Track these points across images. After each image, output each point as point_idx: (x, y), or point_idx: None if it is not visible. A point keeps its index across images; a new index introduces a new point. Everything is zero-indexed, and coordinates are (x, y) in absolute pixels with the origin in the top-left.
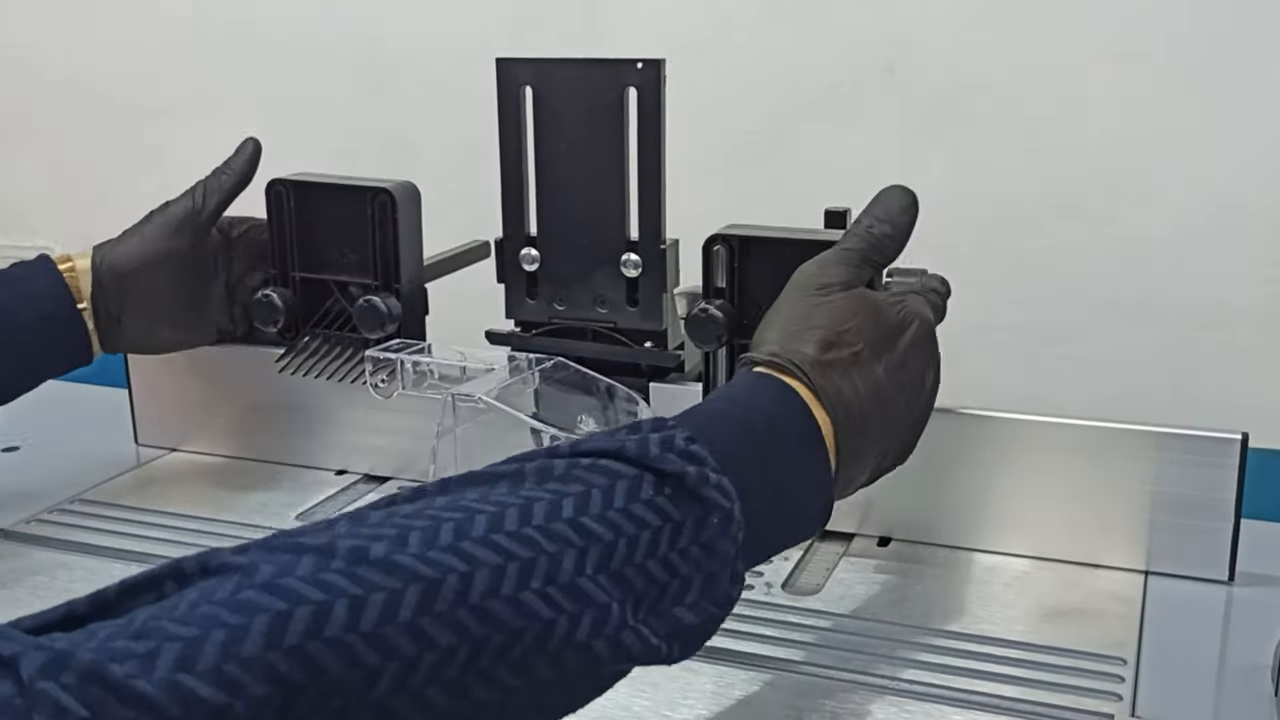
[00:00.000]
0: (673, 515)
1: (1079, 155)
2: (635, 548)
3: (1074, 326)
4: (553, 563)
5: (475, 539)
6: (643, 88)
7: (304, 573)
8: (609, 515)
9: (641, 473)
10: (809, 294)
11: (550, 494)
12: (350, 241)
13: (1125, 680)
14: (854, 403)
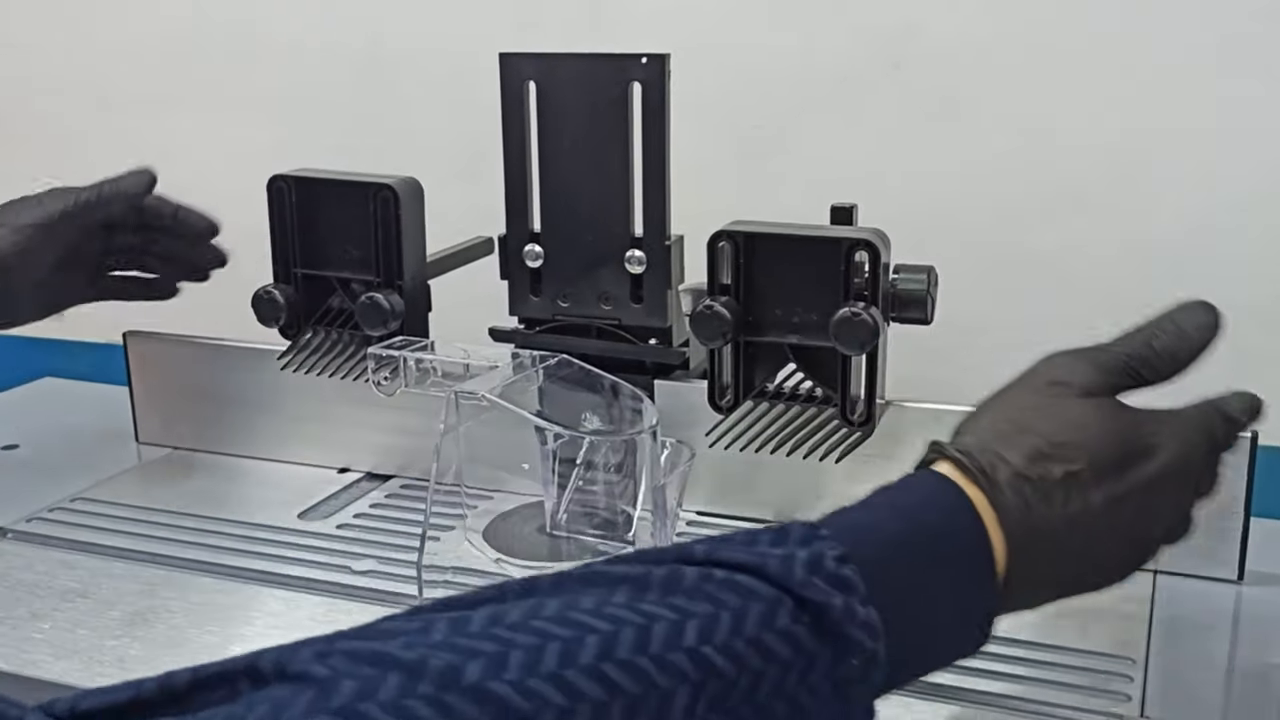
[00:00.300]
0: (808, 646)
1: (1084, 153)
2: (760, 683)
3: (1078, 324)
4: (664, 701)
5: (581, 667)
6: (647, 83)
7: (386, 697)
8: (735, 645)
9: (780, 595)
10: (1038, 390)
11: (674, 613)
12: (353, 238)
13: (1134, 680)
14: (1044, 531)
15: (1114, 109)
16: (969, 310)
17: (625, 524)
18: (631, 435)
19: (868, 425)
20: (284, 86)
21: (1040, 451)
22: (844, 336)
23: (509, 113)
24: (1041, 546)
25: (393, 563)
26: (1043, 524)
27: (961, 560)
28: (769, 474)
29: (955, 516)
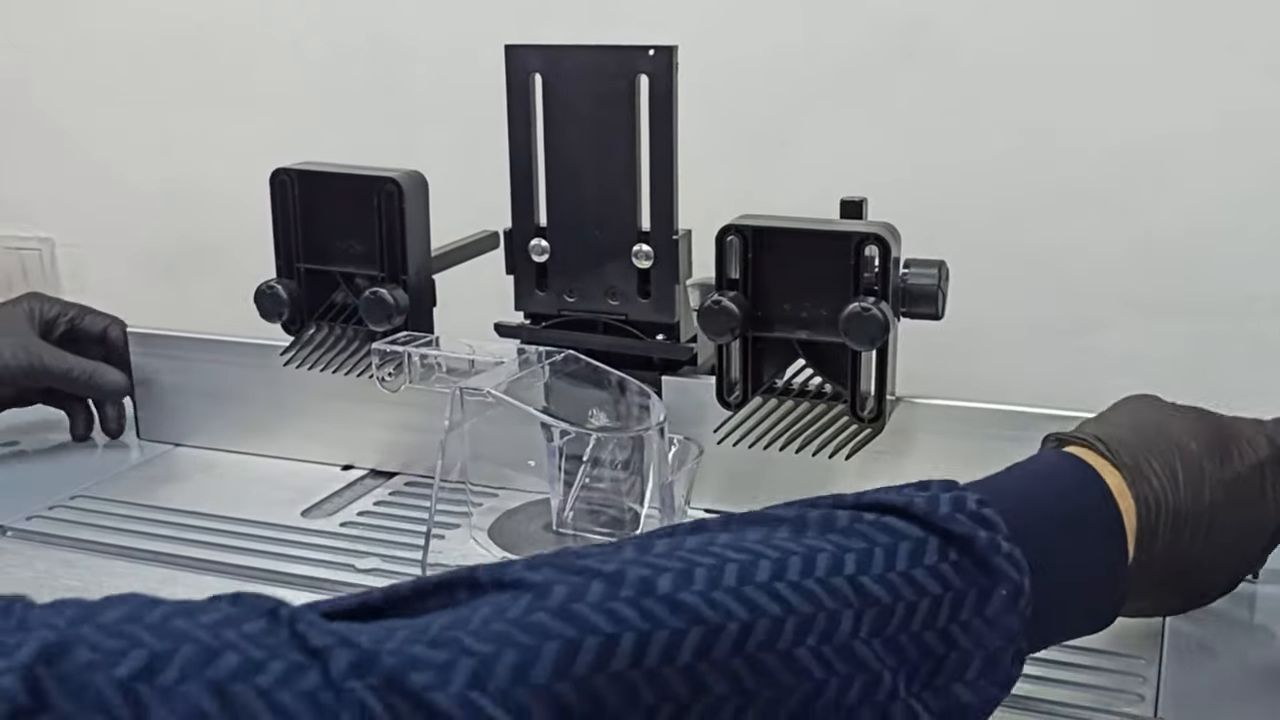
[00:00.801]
0: (955, 583)
1: (1102, 144)
2: (913, 615)
3: (1097, 319)
4: (830, 621)
5: (758, 584)
6: (654, 75)
7: (594, 599)
8: (889, 577)
9: (927, 534)
10: (1153, 400)
11: (833, 546)
12: (356, 232)
13: (1147, 680)
14: (1164, 491)
15: (1123, 105)
16: (981, 305)
17: (632, 522)
18: (639, 432)
19: (878, 422)
20: (287, 80)
21: (1159, 439)
22: (854, 332)
23: (514, 105)
24: (1166, 512)
25: (397, 561)
26: (1164, 489)
27: (1095, 519)
28: (778, 471)
29: (1086, 481)
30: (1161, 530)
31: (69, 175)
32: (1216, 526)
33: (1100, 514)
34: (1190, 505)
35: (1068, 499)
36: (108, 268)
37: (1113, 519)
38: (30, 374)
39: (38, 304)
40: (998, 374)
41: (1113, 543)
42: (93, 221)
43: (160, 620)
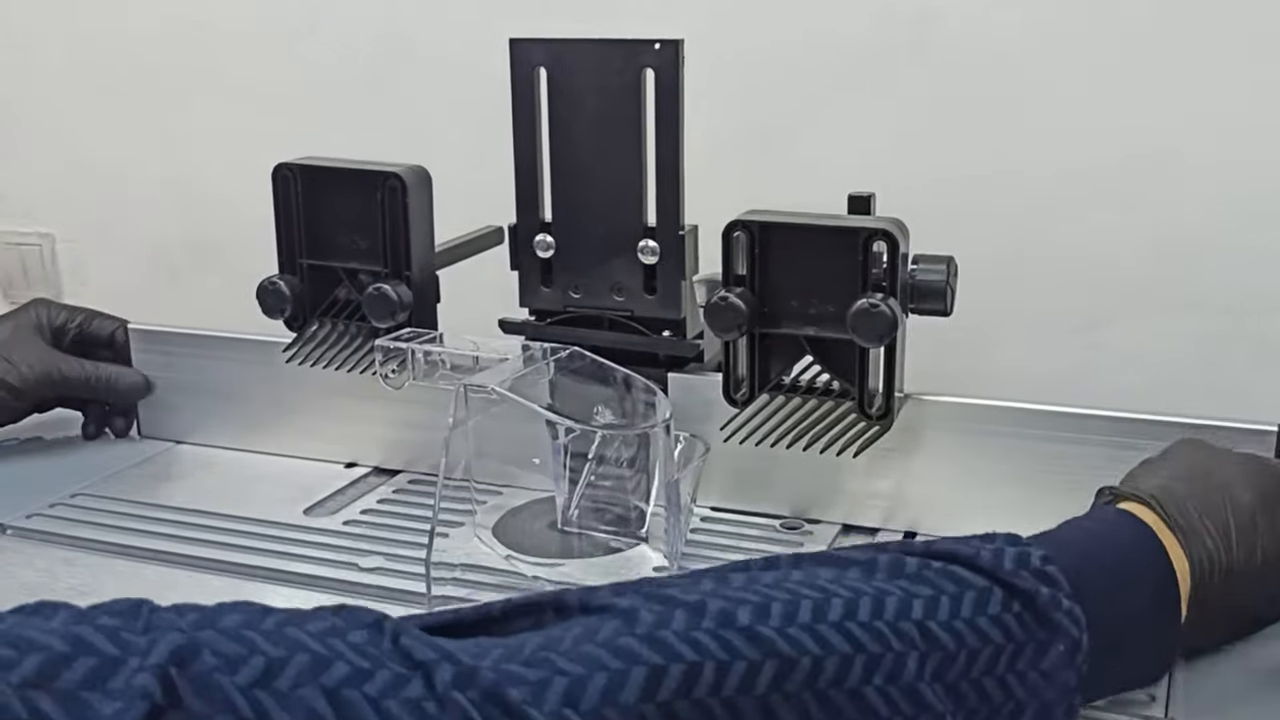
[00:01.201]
0: (1016, 635)
1: (1111, 138)
2: (974, 662)
3: (1105, 315)
4: (897, 662)
5: (830, 622)
6: (660, 68)
7: (679, 627)
8: (955, 624)
9: (991, 585)
10: (1206, 448)
11: (901, 591)
12: (359, 227)
13: (1159, 681)
14: (1218, 551)
15: (1130, 101)
16: (990, 302)
17: (638, 520)
18: (645, 429)
19: (886, 419)
20: (289, 74)
21: (1212, 493)
22: (862, 328)
23: (519, 100)
24: (1219, 568)
25: (400, 559)
26: (1217, 544)
27: (1150, 577)
28: (785, 469)
29: (1141, 538)
30: (1215, 587)
31: (69, 171)
32: (1270, 579)
33: (1156, 574)
34: (1244, 564)
35: (1126, 559)
36: (108, 264)
37: (1168, 580)
38: (50, 385)
39: (45, 311)
40: (1006, 371)
41: (1167, 603)
42: (93, 217)
43: (274, 628)
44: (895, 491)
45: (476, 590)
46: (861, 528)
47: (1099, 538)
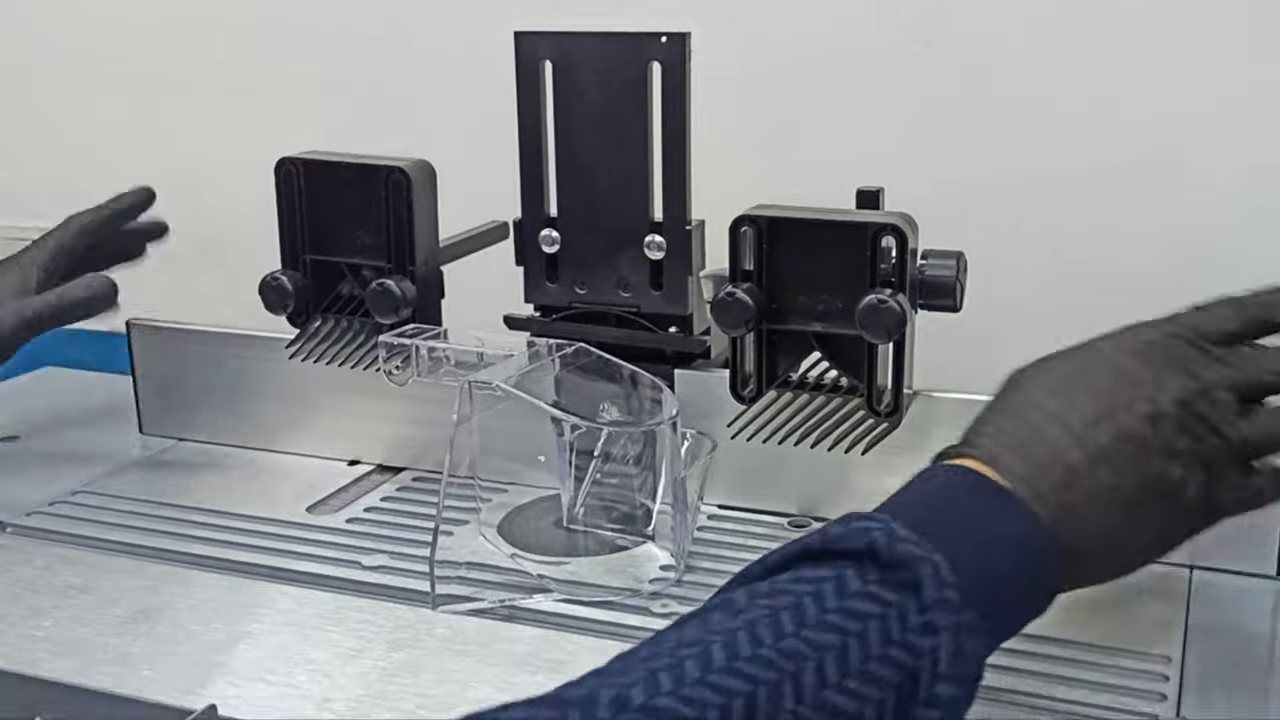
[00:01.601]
0: (888, 596)
1: (1120, 134)
2: (867, 642)
3: (1116, 311)
4: (796, 681)
5: (719, 669)
6: (667, 62)
7: None
8: (828, 619)
9: (839, 568)
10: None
11: (766, 612)
12: (363, 222)
13: (1170, 679)
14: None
15: (1144, 93)
16: (1000, 297)
17: (645, 518)
18: (651, 426)
19: (895, 415)
20: (292, 67)
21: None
22: (870, 324)
23: (524, 93)
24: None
25: (404, 558)
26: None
27: (965, 488)
28: (793, 466)
29: (958, 472)
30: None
31: (69, 163)
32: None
33: (969, 482)
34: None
35: (935, 484)
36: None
37: (983, 481)
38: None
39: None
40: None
41: (998, 501)
42: None
43: None
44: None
45: (481, 589)
46: None
47: (920, 482)
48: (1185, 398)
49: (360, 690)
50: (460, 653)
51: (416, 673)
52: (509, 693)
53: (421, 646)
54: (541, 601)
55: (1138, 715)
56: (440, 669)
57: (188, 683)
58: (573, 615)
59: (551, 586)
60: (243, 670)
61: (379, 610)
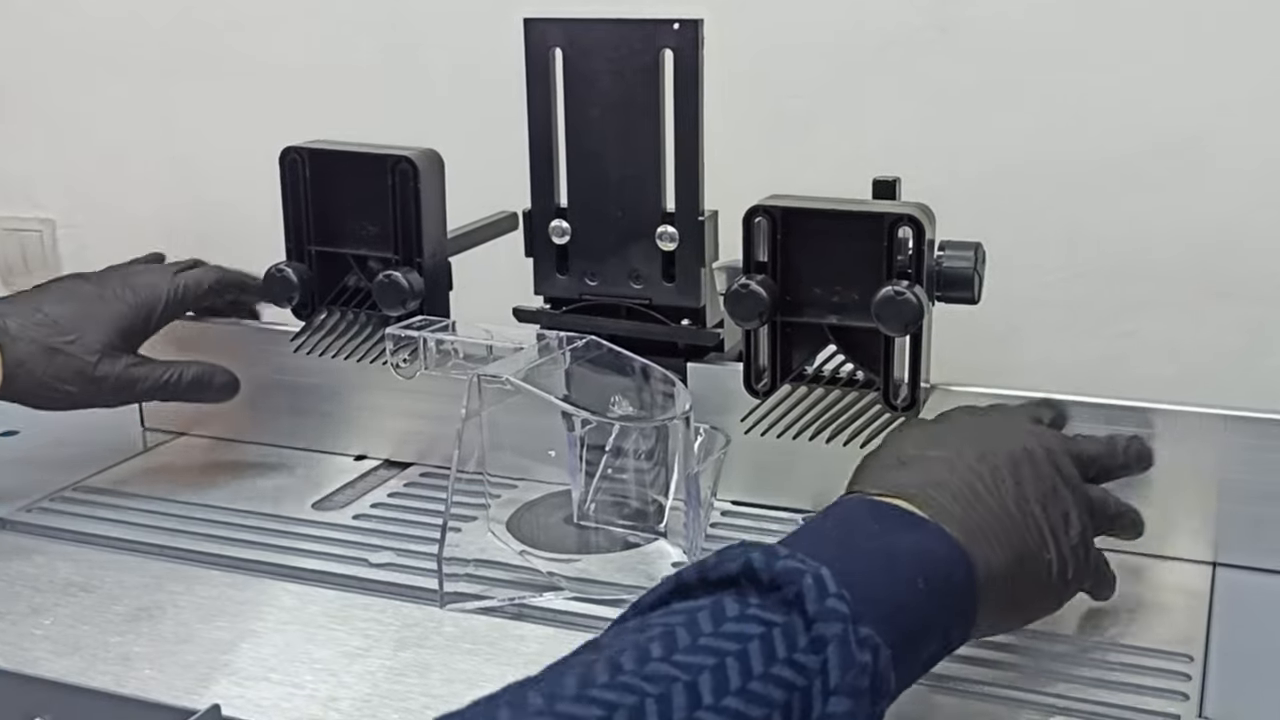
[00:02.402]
0: (769, 617)
1: (1144, 120)
2: (748, 664)
3: (1136, 302)
4: (665, 704)
5: (571, 698)
6: (680, 49)
7: None
8: (702, 644)
9: (717, 598)
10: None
11: (633, 643)
12: (369, 213)
13: (1192, 679)
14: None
15: (1165, 81)
16: (1018, 289)
17: (656, 514)
18: (663, 421)
19: (911, 410)
20: (297, 54)
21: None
22: (886, 316)
23: (534, 81)
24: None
25: (412, 555)
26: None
27: (867, 515)
28: (808, 461)
29: (850, 500)
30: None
31: (71, 153)
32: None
33: (874, 510)
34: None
35: (829, 513)
36: (111, 250)
37: (889, 509)
38: (123, 392)
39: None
40: (1035, 361)
41: (901, 520)
42: (96, 202)
43: None
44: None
45: (490, 587)
46: None
47: (813, 520)
48: (1049, 446)
49: (367, 690)
50: (469, 652)
51: (424, 672)
52: None
53: (429, 645)
54: (552, 600)
55: (1159, 716)
56: (448, 668)
57: (190, 682)
58: (583, 614)
59: (562, 584)
60: (247, 669)
61: (386, 608)
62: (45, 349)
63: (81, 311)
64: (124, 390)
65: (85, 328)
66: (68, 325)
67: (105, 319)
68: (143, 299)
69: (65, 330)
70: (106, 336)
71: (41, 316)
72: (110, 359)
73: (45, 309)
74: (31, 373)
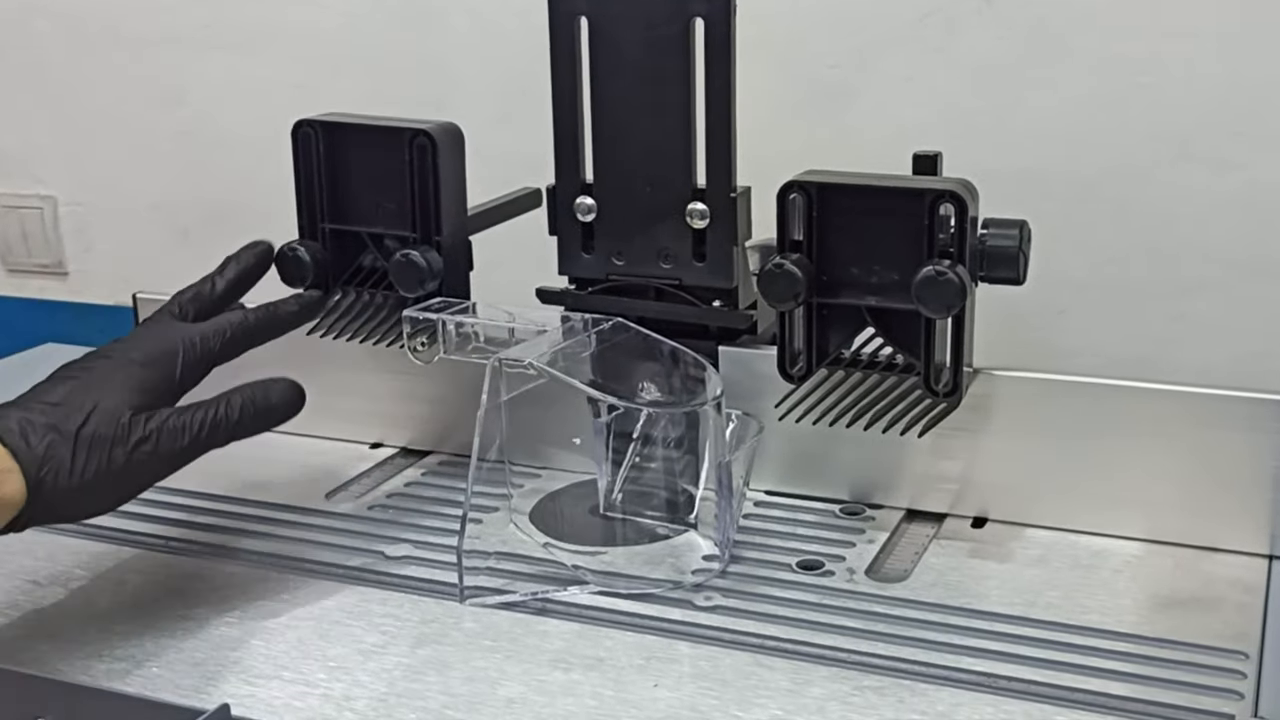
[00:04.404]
0: None
1: (1194, 93)
2: None
3: (1189, 283)
4: None
5: None
6: (711, 18)
7: None
8: None
9: None
10: None
11: None
12: (386, 189)
13: (1247, 677)
14: None
15: (1219, 49)
16: (1066, 269)
17: (687, 505)
18: (694, 407)
19: (954, 395)
20: (311, 23)
21: None
22: (928, 297)
23: (558, 51)
24: None
25: (430, 547)
26: None
27: None
28: (845, 449)
29: None
30: None
31: (73, 126)
32: None
33: None
34: None
35: None
36: (115, 228)
37: None
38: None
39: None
40: (1082, 345)
41: None
42: (99, 177)
43: None
44: (964, 474)
45: (512, 581)
46: (927, 513)
47: None
48: None
49: (383, 688)
50: (490, 649)
51: (443, 670)
52: (541, 692)
53: (448, 642)
54: (577, 594)
55: (1213, 715)
56: (468, 666)
57: (198, 680)
58: (610, 609)
59: (587, 578)
60: (257, 667)
61: (403, 603)
62: (64, 435)
63: (88, 385)
64: (172, 443)
65: (101, 396)
66: (79, 402)
67: (119, 385)
68: (153, 356)
69: (79, 407)
70: (127, 397)
71: (44, 405)
72: (142, 417)
73: (46, 397)
74: (59, 468)
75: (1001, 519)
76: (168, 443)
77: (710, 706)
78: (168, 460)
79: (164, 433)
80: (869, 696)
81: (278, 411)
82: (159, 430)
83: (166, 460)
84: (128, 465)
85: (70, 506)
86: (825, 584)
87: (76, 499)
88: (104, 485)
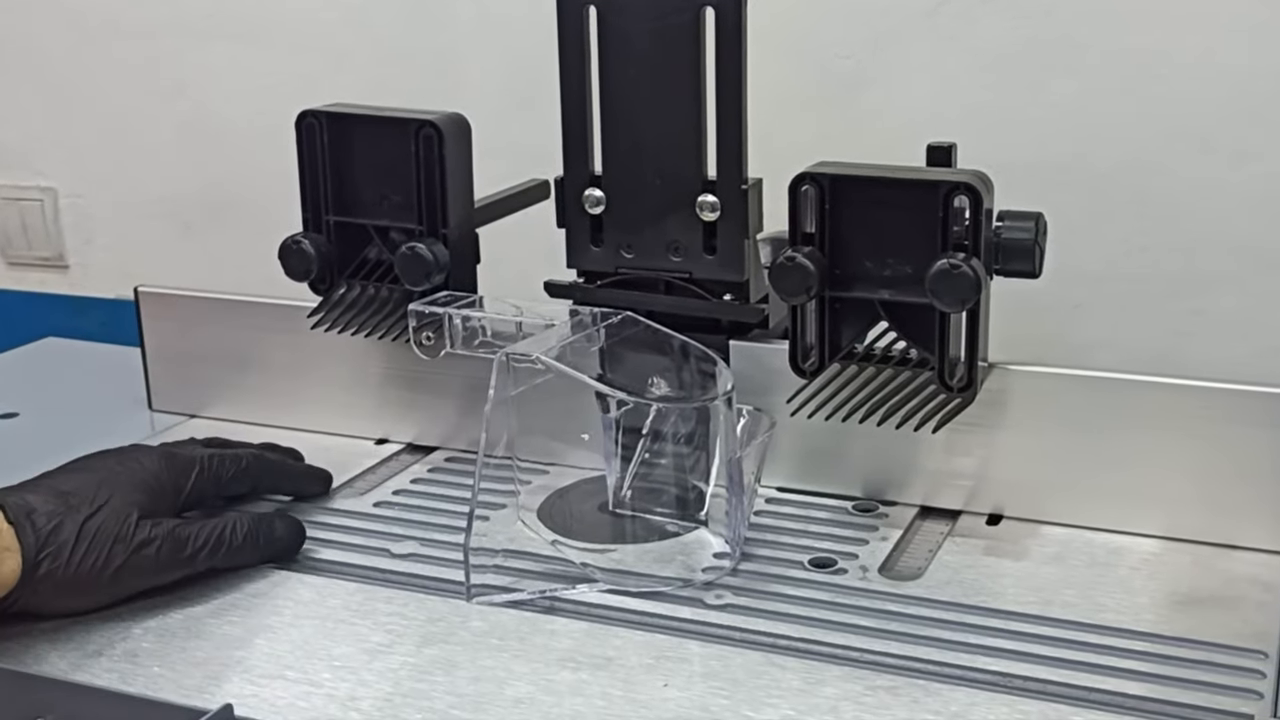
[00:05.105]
0: None
1: (1211, 85)
2: None
3: (1207, 278)
4: None
5: None
6: (722, 6)
7: None
8: None
9: None
10: None
11: None
12: (391, 181)
13: (1267, 676)
14: None
15: (1236, 38)
16: (1082, 262)
17: (697, 501)
18: (704, 402)
19: (968, 390)
20: (315, 12)
21: None
22: (942, 291)
23: (567, 40)
24: None
25: (437, 545)
26: None
27: None
28: (858, 445)
29: None
30: None
31: (74, 118)
32: None
33: None
34: None
35: None
36: (116, 220)
37: None
38: None
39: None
40: (1099, 339)
41: None
42: (100, 169)
43: None
44: (978, 471)
45: (520, 579)
46: (941, 510)
47: None
48: None
49: (389, 688)
50: (497, 648)
51: (450, 669)
52: (549, 691)
53: (455, 641)
54: (585, 592)
55: (1232, 715)
56: (475, 665)
57: (201, 680)
58: (619, 607)
59: (596, 576)
60: (261, 666)
61: (409, 602)
62: (69, 524)
63: (102, 480)
64: (172, 553)
65: (113, 493)
66: (90, 495)
67: (131, 485)
68: (167, 466)
69: (90, 499)
70: (136, 499)
71: (56, 492)
72: (148, 522)
73: (59, 484)
74: (57, 555)
75: (1017, 516)
76: (169, 551)
77: (721, 707)
78: (164, 569)
79: (167, 540)
80: (882, 696)
81: (278, 545)
82: (164, 537)
83: (163, 568)
84: (125, 566)
85: (60, 598)
86: (838, 582)
87: (68, 590)
88: (98, 581)
